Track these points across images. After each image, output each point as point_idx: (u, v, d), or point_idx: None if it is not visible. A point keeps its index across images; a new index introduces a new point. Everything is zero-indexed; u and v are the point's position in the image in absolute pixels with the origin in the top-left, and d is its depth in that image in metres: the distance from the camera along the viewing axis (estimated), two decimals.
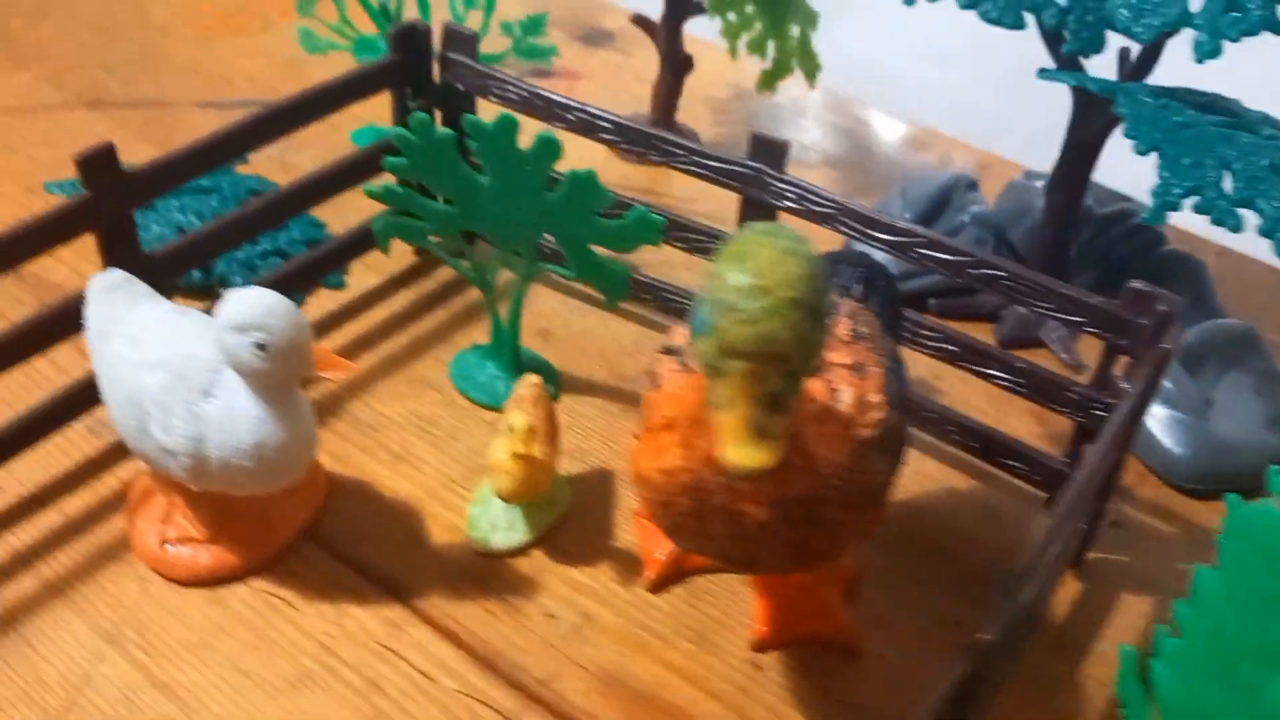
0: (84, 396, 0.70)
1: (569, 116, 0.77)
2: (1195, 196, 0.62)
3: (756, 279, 0.40)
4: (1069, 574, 0.70)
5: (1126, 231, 0.90)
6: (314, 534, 0.68)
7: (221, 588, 0.65)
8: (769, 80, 0.96)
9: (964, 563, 0.70)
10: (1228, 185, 0.62)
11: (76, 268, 0.84)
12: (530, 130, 0.67)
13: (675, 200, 0.99)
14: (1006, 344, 0.86)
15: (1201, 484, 0.76)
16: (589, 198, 0.67)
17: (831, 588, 0.65)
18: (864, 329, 0.56)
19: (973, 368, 0.70)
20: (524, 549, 0.68)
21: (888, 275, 0.64)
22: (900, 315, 0.65)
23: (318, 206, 0.81)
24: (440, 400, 0.78)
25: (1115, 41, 0.76)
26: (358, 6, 1.02)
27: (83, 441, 0.72)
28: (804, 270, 0.40)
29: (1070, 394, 0.67)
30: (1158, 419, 0.77)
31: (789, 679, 0.63)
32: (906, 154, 1.12)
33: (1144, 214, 0.62)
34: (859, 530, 0.52)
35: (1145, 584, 0.70)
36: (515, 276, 0.74)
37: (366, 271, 0.88)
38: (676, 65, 1.00)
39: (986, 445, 0.73)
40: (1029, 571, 0.50)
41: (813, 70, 0.96)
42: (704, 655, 0.64)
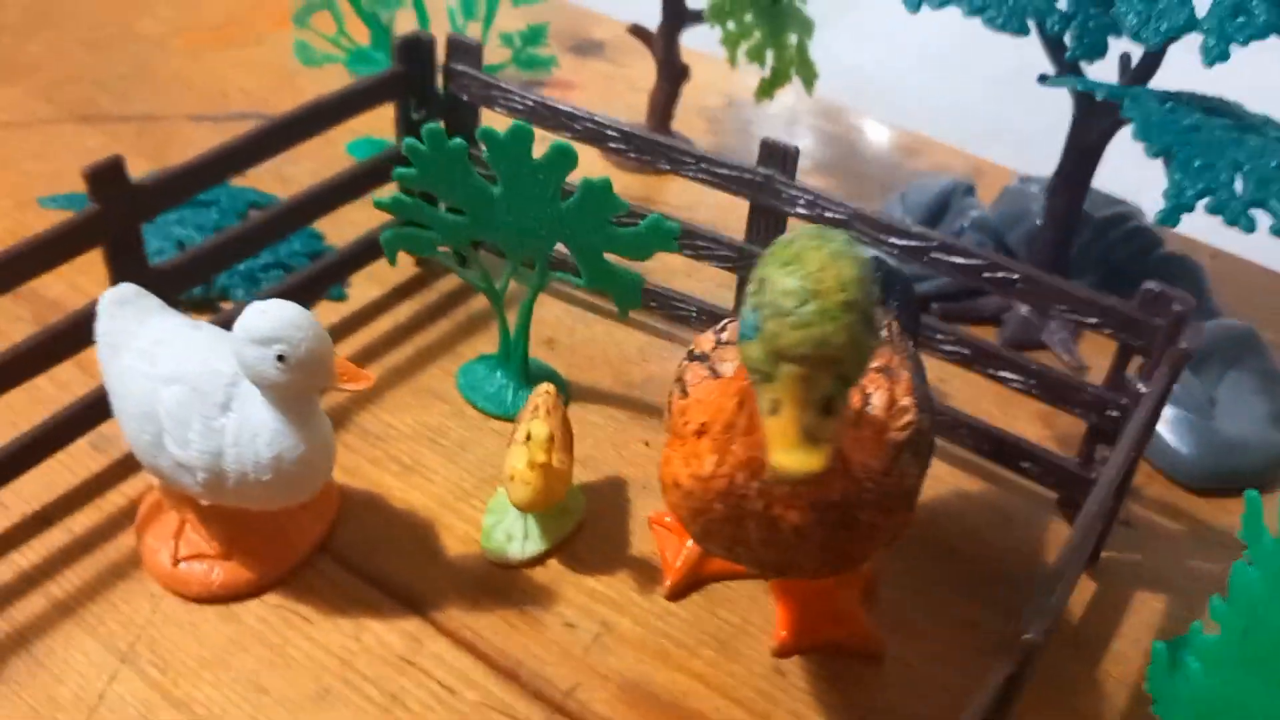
0: (87, 413, 0.69)
1: (576, 126, 0.77)
2: (1208, 198, 0.62)
3: (809, 282, 0.39)
4: (1083, 574, 0.70)
5: (1124, 234, 0.91)
6: (327, 547, 0.67)
7: (235, 604, 0.64)
8: (768, 88, 0.96)
9: (978, 565, 0.70)
10: (1239, 186, 0.62)
11: (74, 282, 0.83)
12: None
13: (673, 208, 0.98)
14: (1009, 346, 0.87)
15: (1208, 482, 0.77)
16: (603, 206, 0.66)
17: (851, 592, 0.65)
18: (887, 332, 0.56)
19: (986, 371, 0.70)
20: (540, 559, 0.67)
21: (904, 278, 0.65)
22: (918, 318, 0.66)
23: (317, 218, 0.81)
24: (448, 411, 0.77)
25: (1114, 46, 0.77)
26: (354, 19, 1.01)
27: (87, 458, 0.71)
28: (856, 273, 0.40)
29: (1084, 395, 0.67)
30: (1164, 419, 0.78)
31: (812, 684, 0.63)
32: (900, 160, 1.12)
33: (1158, 215, 0.63)
34: (891, 533, 0.52)
35: (1157, 582, 0.71)
36: (522, 285, 0.74)
37: (368, 283, 0.88)
38: (673, 74, 1.00)
39: (997, 447, 0.73)
40: (1065, 572, 0.50)
41: (810, 78, 0.97)
42: (726, 662, 0.63)
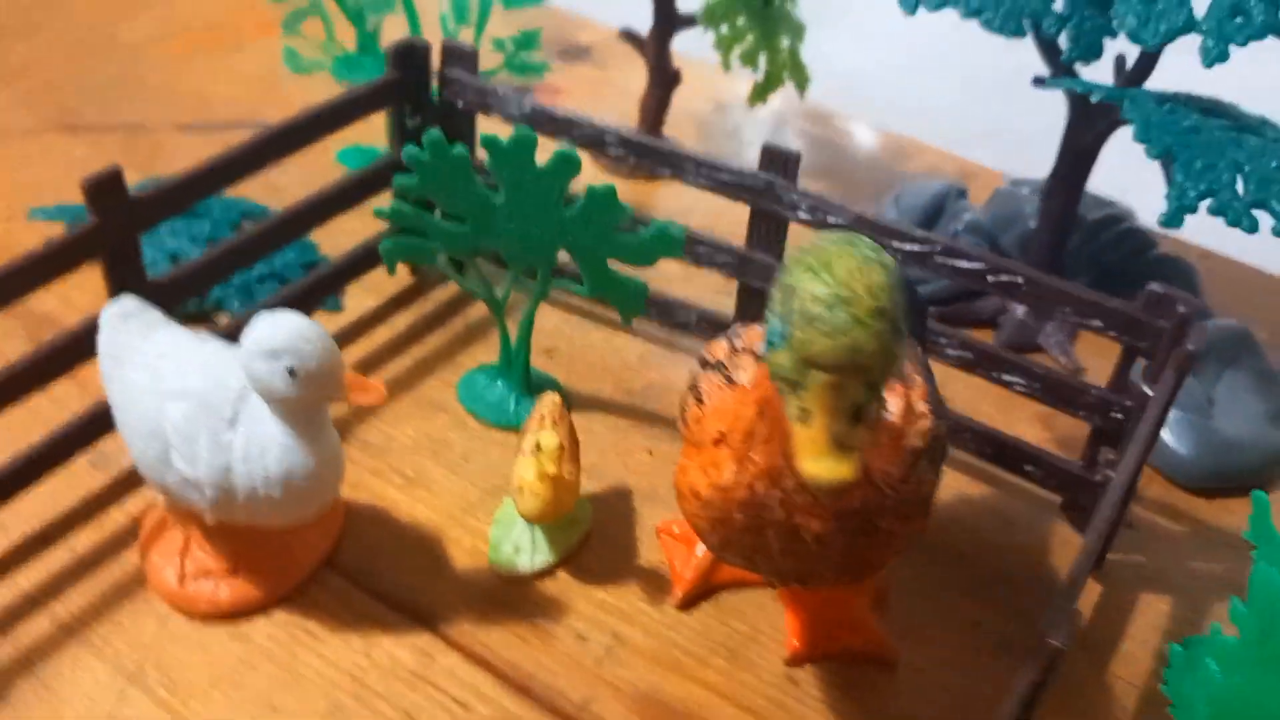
0: (86, 430, 0.68)
1: (574, 132, 0.76)
2: (1210, 199, 0.62)
3: (840, 289, 0.39)
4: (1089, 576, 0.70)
5: (1117, 236, 0.92)
6: (333, 563, 0.67)
7: (243, 622, 0.63)
8: (761, 92, 0.96)
9: (984, 569, 0.70)
10: (1240, 187, 0.63)
11: (66, 296, 0.82)
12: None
13: (666, 213, 0.98)
14: (1005, 349, 0.87)
15: (1208, 482, 0.77)
16: (608, 213, 0.66)
17: (862, 599, 0.65)
18: None
19: (989, 375, 0.70)
20: (549, 570, 0.67)
21: (909, 283, 0.65)
22: (925, 323, 0.66)
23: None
24: (450, 422, 0.77)
25: (1108, 48, 0.78)
26: (343, 26, 1.01)
27: (86, 476, 0.70)
28: (886, 279, 0.40)
29: (1088, 398, 0.68)
30: None
31: (825, 692, 0.63)
32: (890, 163, 1.12)
33: (1161, 217, 0.63)
34: (908, 540, 0.52)
35: (1161, 584, 0.71)
36: (519, 294, 0.74)
37: (364, 293, 0.87)
38: (665, 79, 1.00)
39: (1000, 451, 0.73)
40: (1081, 577, 0.50)
41: (803, 82, 0.97)
42: (738, 671, 0.63)
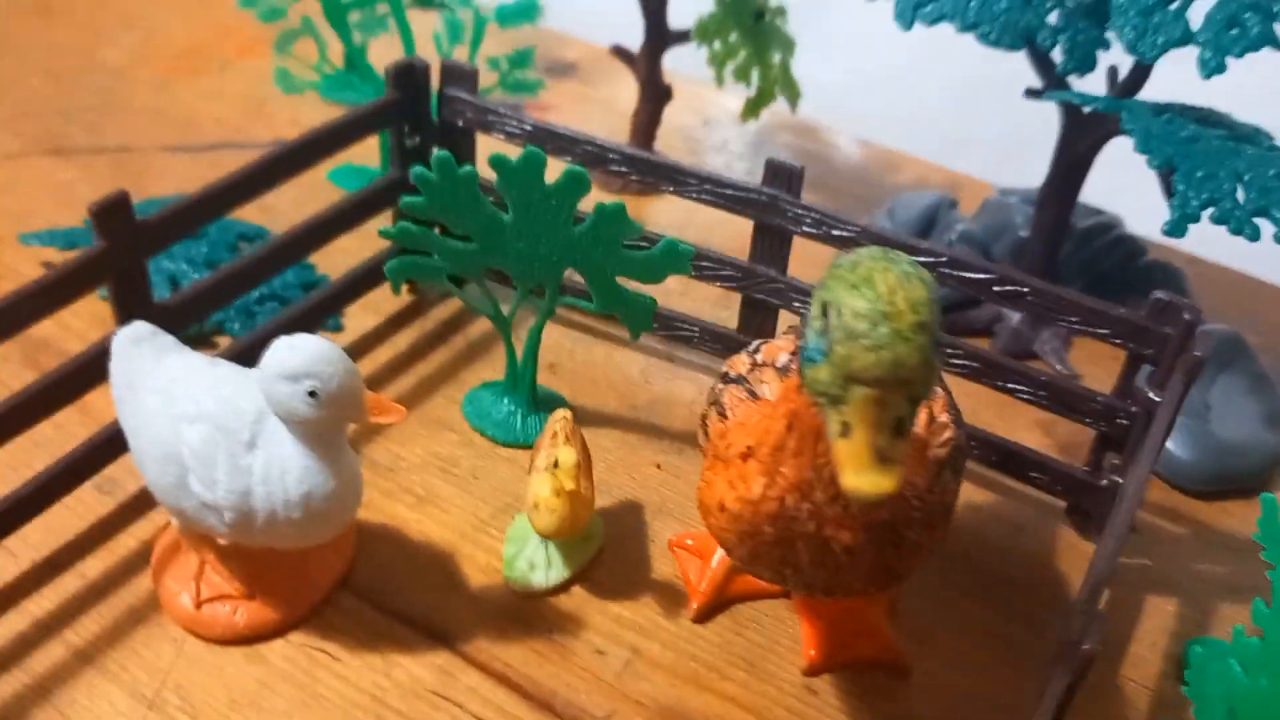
0: (92, 457, 0.67)
1: (577, 150, 0.77)
2: (1212, 208, 0.64)
3: (881, 304, 0.39)
4: None
5: (1108, 244, 0.93)
6: (347, 583, 0.66)
7: (260, 644, 0.63)
8: (754, 107, 0.97)
9: (994, 575, 0.71)
10: (1241, 196, 0.64)
11: (61, 320, 0.81)
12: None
13: (660, 228, 0.98)
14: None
15: (1207, 485, 0.78)
16: (617, 229, 0.67)
17: (876, 608, 0.65)
18: None
19: (995, 383, 0.71)
20: (563, 586, 0.67)
21: None
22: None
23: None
24: (457, 439, 0.77)
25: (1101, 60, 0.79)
26: (334, 46, 1.00)
27: (94, 502, 0.69)
28: (927, 294, 0.40)
29: (1094, 404, 0.69)
30: None
31: (844, 701, 0.63)
32: (878, 175, 1.13)
33: (1164, 226, 0.64)
34: (932, 549, 0.53)
35: (1166, 586, 0.72)
36: (525, 310, 0.74)
37: (364, 312, 0.87)
38: (656, 95, 1.01)
39: (1005, 457, 0.74)
40: (1104, 578, 0.51)
41: (794, 96, 0.98)
42: (757, 683, 0.64)
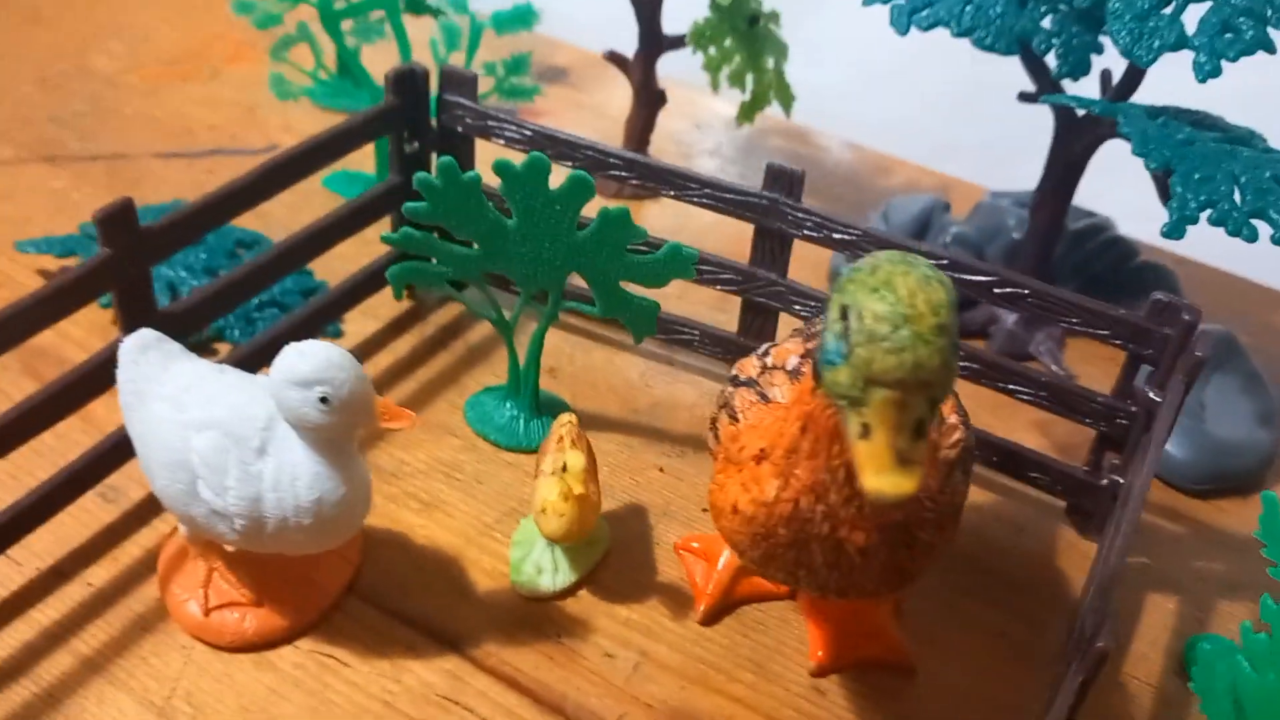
0: (95, 465, 0.67)
1: (578, 155, 0.77)
2: (1210, 209, 0.64)
3: (902, 307, 0.40)
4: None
5: (1101, 245, 0.94)
6: (354, 589, 0.66)
7: (269, 651, 0.63)
8: (749, 112, 0.97)
9: (997, 575, 0.72)
10: (1237, 197, 0.65)
11: (60, 328, 0.80)
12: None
13: (654, 232, 0.97)
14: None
15: (1203, 484, 0.79)
16: (621, 234, 0.67)
17: (882, 608, 0.66)
18: None
19: (996, 384, 0.72)
20: (570, 590, 0.67)
21: None
22: None
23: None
24: (460, 444, 0.77)
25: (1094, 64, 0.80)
26: (328, 52, 1.01)
27: (98, 510, 0.69)
28: (946, 297, 0.41)
29: (1094, 404, 0.69)
30: None
31: (852, 702, 0.64)
32: (870, 179, 1.14)
33: (1163, 228, 0.65)
34: (942, 549, 0.53)
35: (1166, 585, 0.73)
36: (522, 314, 0.74)
37: (363, 318, 0.87)
38: (650, 100, 1.01)
39: (1006, 458, 0.75)
40: (1115, 577, 0.52)
41: (788, 101, 0.98)
42: (765, 684, 0.64)
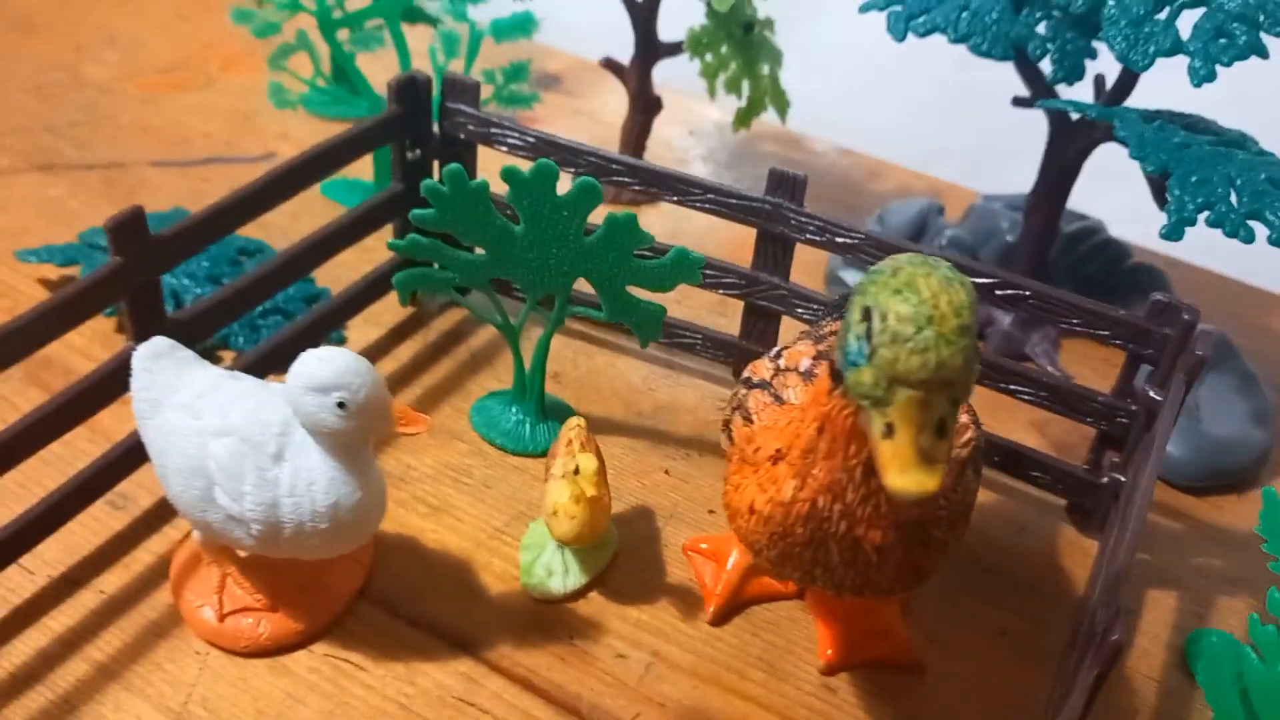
0: (104, 474, 0.67)
1: (580, 161, 0.78)
2: (1207, 211, 0.66)
3: (925, 308, 0.41)
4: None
5: (1094, 247, 0.95)
6: (366, 593, 0.67)
7: (284, 656, 0.63)
8: (745, 118, 0.98)
9: (1001, 574, 0.73)
10: (1234, 199, 0.66)
11: (64, 338, 0.80)
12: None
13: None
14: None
15: (1200, 481, 0.80)
16: (628, 239, 0.68)
17: (891, 607, 0.67)
18: None
19: (997, 385, 0.73)
20: (581, 592, 0.68)
21: None
22: None
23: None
24: (467, 449, 0.77)
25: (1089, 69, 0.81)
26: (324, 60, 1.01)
27: (108, 518, 0.69)
28: (968, 298, 0.42)
29: (1095, 404, 0.70)
30: None
31: (862, 700, 0.64)
32: (863, 183, 1.15)
33: (1162, 230, 0.66)
34: (954, 546, 0.54)
35: (1166, 581, 0.74)
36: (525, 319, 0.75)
37: (365, 325, 0.87)
38: (646, 106, 1.02)
39: (1007, 458, 0.76)
40: (1123, 573, 0.53)
41: (784, 107, 0.99)
42: (777, 683, 0.65)
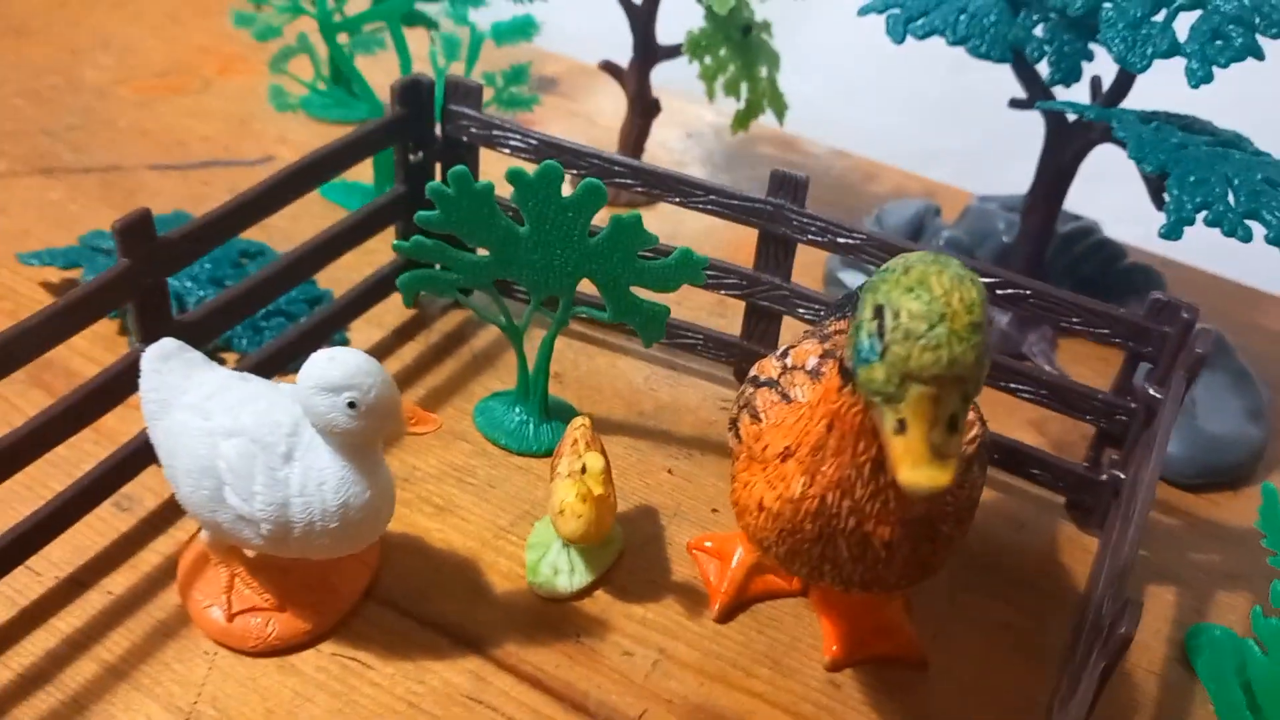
0: (109, 476, 0.68)
1: (582, 163, 0.78)
2: (1205, 211, 0.66)
3: (938, 305, 0.41)
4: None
5: (1089, 247, 0.96)
6: (372, 593, 0.67)
7: (292, 655, 0.63)
8: (743, 120, 0.99)
9: (1002, 571, 0.73)
10: (1231, 199, 0.67)
11: (67, 341, 0.81)
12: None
13: None
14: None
15: (1196, 478, 0.81)
16: (634, 240, 0.68)
17: (894, 604, 0.67)
18: None
19: (998, 385, 0.73)
20: (586, 590, 0.68)
21: None
22: None
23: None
24: (471, 449, 0.78)
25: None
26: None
27: (114, 519, 0.70)
28: (979, 295, 0.42)
29: (1094, 402, 0.71)
30: None
31: (867, 695, 0.65)
32: (859, 185, 1.16)
33: (1161, 229, 0.67)
34: (960, 542, 0.55)
35: (1165, 576, 0.75)
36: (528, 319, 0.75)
37: (368, 326, 0.87)
38: (645, 109, 1.02)
39: (1007, 456, 0.77)
40: (1130, 567, 0.53)
41: (781, 109, 1.00)
42: (782, 679, 0.65)
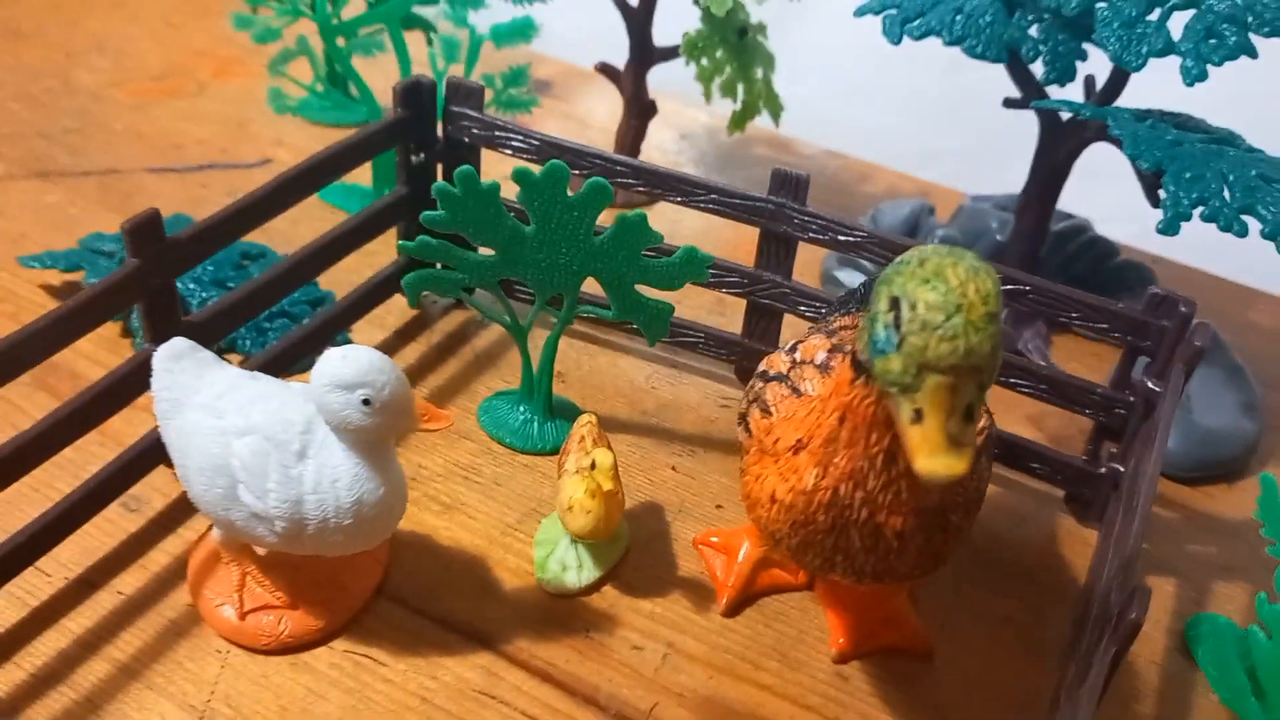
0: (117, 477, 0.68)
1: (584, 164, 0.79)
2: (1201, 206, 0.68)
3: (954, 296, 0.42)
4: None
5: (1082, 245, 0.97)
6: (383, 591, 0.67)
7: (304, 653, 0.64)
8: (739, 121, 0.99)
9: (1003, 564, 0.74)
10: (1227, 195, 0.68)
11: (72, 345, 0.81)
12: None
13: None
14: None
15: (1193, 471, 0.82)
16: (638, 239, 0.69)
17: (900, 596, 0.68)
18: None
19: (998, 380, 0.74)
20: (595, 586, 0.69)
21: None
22: None
23: None
24: (476, 448, 0.78)
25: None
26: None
27: (122, 520, 0.70)
28: (994, 286, 0.43)
29: (1093, 396, 0.72)
30: None
31: (875, 687, 0.66)
32: (853, 186, 1.17)
33: (1159, 225, 0.68)
34: (968, 533, 0.56)
35: (1164, 567, 0.76)
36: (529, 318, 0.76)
37: (370, 328, 0.88)
38: (641, 110, 1.03)
39: (1007, 450, 0.77)
40: (1136, 556, 0.54)
41: (777, 110, 1.01)
42: (790, 672, 0.66)
